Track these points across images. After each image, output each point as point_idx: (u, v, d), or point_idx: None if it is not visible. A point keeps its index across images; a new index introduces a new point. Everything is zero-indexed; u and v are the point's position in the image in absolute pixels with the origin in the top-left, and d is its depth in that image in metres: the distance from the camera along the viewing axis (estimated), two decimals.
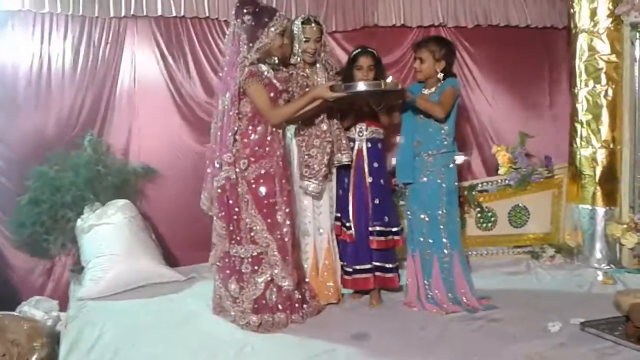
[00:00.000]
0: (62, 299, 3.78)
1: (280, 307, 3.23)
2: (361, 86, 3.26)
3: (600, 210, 4.40)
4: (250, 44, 3.17)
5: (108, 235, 3.84)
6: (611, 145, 4.38)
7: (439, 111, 3.44)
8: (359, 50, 3.60)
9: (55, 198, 3.98)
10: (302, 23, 3.50)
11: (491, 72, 5.04)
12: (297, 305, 3.31)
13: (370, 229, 3.58)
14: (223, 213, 3.26)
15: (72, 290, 3.79)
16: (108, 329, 3.15)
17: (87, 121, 4.25)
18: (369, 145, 3.62)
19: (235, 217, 3.23)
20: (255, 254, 3.21)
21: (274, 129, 3.29)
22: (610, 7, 4.29)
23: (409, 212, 3.65)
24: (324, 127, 3.49)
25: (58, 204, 3.99)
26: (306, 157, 3.48)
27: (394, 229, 3.62)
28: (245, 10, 3.19)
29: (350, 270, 3.59)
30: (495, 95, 5.07)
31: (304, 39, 3.48)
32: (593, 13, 4.37)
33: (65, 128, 4.21)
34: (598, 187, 4.41)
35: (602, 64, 4.37)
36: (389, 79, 3.30)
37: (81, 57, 4.24)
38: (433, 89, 3.53)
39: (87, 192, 4.04)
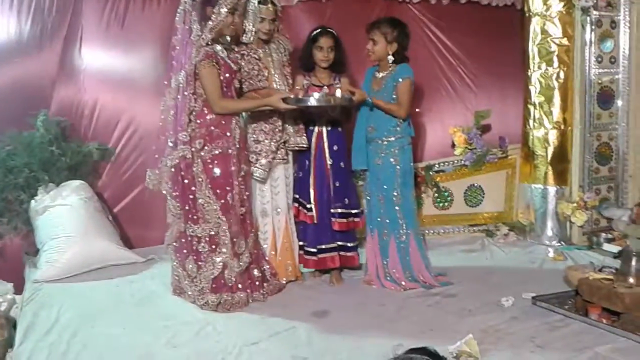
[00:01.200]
0: (16, 282, 3.69)
1: (240, 286, 3.24)
2: (312, 101, 3.31)
3: (552, 189, 4.53)
4: (202, 22, 3.14)
5: (63, 217, 3.76)
6: (562, 127, 4.49)
7: (401, 113, 3.48)
8: (320, 30, 3.57)
9: (8, 180, 3.88)
10: (259, 3, 3.44)
11: (449, 50, 5.05)
12: (257, 283, 3.34)
13: (332, 210, 3.61)
14: (178, 192, 3.24)
15: (27, 273, 3.72)
16: (65, 311, 3.11)
17: (38, 99, 4.11)
18: (329, 128, 3.63)
19: (191, 196, 3.21)
20: (212, 233, 3.20)
21: None
22: None
23: (367, 193, 3.69)
24: (276, 112, 3.46)
25: (11, 185, 3.89)
26: (253, 142, 3.48)
27: (354, 211, 3.66)
28: None
29: (315, 250, 3.62)
30: (451, 75, 5.11)
31: (259, 19, 3.45)
32: None
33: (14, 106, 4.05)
34: (550, 167, 4.53)
35: (554, 47, 4.45)
36: (338, 93, 3.34)
37: (28, 27, 4.06)
38: (385, 72, 3.54)
39: (40, 173, 3.94)
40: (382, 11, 4.63)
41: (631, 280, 2.93)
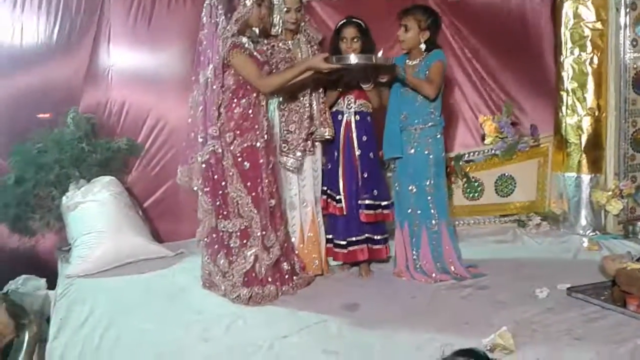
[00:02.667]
0: (49, 277, 3.75)
1: (270, 279, 3.23)
2: (353, 59, 3.27)
3: (586, 177, 4.43)
4: (228, 14, 3.13)
5: (94, 213, 3.80)
6: (596, 113, 4.39)
7: (430, 90, 3.41)
8: (344, 21, 3.56)
9: (39, 176, 3.93)
10: None
11: (477, 43, 4.99)
12: (287, 276, 3.33)
13: (359, 202, 3.58)
14: (208, 188, 3.25)
15: (60, 269, 3.77)
16: (98, 305, 3.14)
17: (69, 97, 4.16)
18: (358, 118, 3.60)
19: (221, 191, 3.21)
20: (243, 227, 3.20)
21: (257, 102, 3.26)
22: None
23: (396, 184, 3.64)
24: (305, 102, 3.48)
25: (42, 182, 3.94)
26: (285, 132, 3.49)
27: (384, 203, 3.62)
28: None
29: (344, 243, 3.60)
30: (480, 66, 5.04)
31: (285, 9, 3.45)
32: None
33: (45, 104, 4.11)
34: (583, 155, 4.44)
35: (587, 32, 4.36)
36: (380, 54, 3.30)
37: (57, 27, 4.12)
38: (417, 60, 3.50)
39: (71, 169, 3.99)
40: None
41: None
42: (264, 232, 3.21)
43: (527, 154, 4.72)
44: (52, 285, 3.65)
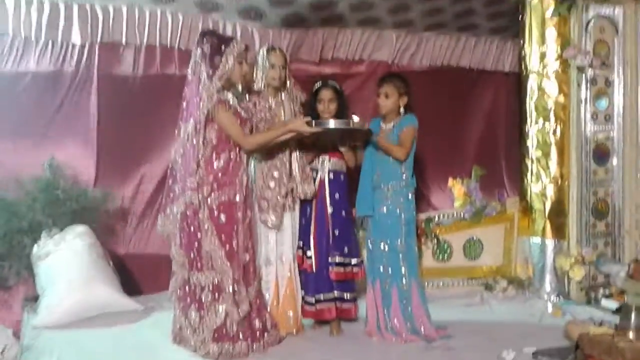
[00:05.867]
0: (15, 327, 3.67)
1: (241, 335, 3.22)
2: (332, 123, 3.43)
3: (550, 242, 4.55)
4: (210, 71, 3.22)
5: (66, 262, 3.77)
6: (559, 182, 4.55)
7: (400, 154, 3.55)
8: (320, 83, 3.73)
9: (12, 224, 3.90)
10: (267, 51, 3.60)
11: (444, 110, 5.23)
12: (257, 334, 3.32)
13: (329, 259, 3.63)
14: (183, 240, 3.26)
15: (26, 319, 3.69)
16: (65, 359, 3.09)
17: (48, 144, 4.20)
18: (331, 176, 3.70)
19: (196, 243, 3.23)
20: (216, 282, 3.21)
21: (238, 157, 3.32)
22: (559, 50, 4.51)
23: (369, 242, 3.71)
24: (285, 159, 3.56)
25: (14, 230, 3.91)
26: (263, 188, 3.53)
27: (354, 261, 3.68)
28: (205, 40, 3.26)
29: (313, 300, 3.62)
30: (448, 132, 5.26)
31: (269, 65, 3.56)
32: (543, 56, 4.58)
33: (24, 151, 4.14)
34: (547, 221, 4.57)
35: (551, 104, 4.56)
36: (356, 119, 3.47)
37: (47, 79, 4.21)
38: (391, 124, 3.65)
39: (44, 217, 3.97)
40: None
41: (631, 335, 2.94)
42: (235, 287, 3.22)
43: (494, 219, 4.85)
44: (18, 336, 3.57)
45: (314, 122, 3.36)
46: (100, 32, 4.27)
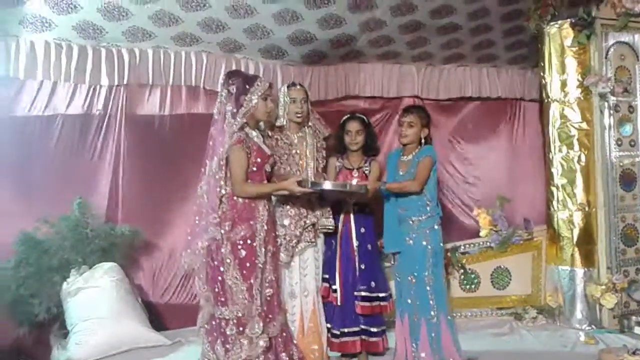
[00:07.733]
0: None
1: None
2: (327, 185, 3.41)
3: (579, 271, 4.49)
4: (235, 109, 3.28)
5: (95, 299, 3.82)
6: (587, 208, 4.50)
7: (413, 187, 3.52)
8: (348, 115, 3.79)
9: (42, 262, 3.96)
10: (287, 87, 3.67)
11: (467, 139, 5.26)
12: None
13: (355, 293, 3.61)
14: (208, 274, 3.28)
15: (55, 356, 3.73)
16: None
17: (75, 185, 4.29)
18: (356, 209, 3.70)
19: (220, 278, 3.24)
20: (240, 315, 3.21)
21: None
22: (579, 78, 4.51)
23: (397, 275, 3.68)
24: (303, 197, 3.50)
25: (44, 268, 3.97)
26: (279, 226, 3.53)
27: (381, 295, 3.66)
28: (230, 81, 3.32)
29: (338, 333, 3.60)
30: (473, 161, 5.27)
31: (290, 100, 3.62)
32: (563, 84, 4.59)
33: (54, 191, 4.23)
34: (576, 249, 4.51)
35: (574, 131, 4.54)
36: (354, 181, 3.50)
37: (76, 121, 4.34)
38: (411, 156, 3.64)
39: (73, 255, 4.04)
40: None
41: None
42: (259, 322, 3.23)
43: (521, 247, 4.81)
44: None
45: (309, 182, 3.33)
46: (127, 74, 4.38)
